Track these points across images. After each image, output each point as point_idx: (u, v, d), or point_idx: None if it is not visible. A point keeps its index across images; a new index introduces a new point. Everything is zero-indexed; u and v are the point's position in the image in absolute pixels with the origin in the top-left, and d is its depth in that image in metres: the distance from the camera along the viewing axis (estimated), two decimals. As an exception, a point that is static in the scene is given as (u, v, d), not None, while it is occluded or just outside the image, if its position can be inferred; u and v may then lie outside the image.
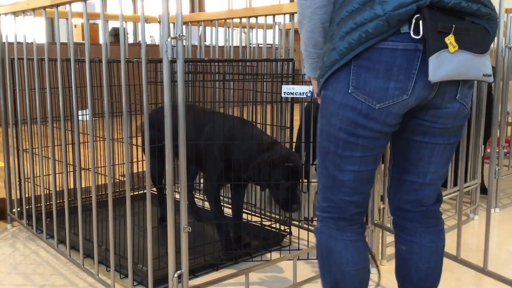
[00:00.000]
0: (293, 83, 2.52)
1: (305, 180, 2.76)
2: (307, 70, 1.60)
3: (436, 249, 1.62)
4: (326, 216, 1.54)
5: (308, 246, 2.53)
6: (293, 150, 3.08)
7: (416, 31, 1.29)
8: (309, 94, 2.25)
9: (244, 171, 2.37)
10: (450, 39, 1.29)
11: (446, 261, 1.76)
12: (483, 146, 3.19)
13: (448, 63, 1.29)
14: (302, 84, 2.36)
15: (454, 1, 1.31)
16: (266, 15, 3.00)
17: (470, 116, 3.02)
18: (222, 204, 2.60)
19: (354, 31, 1.33)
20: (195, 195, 3.36)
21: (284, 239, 2.70)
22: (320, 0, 1.42)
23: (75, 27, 7.17)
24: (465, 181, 3.17)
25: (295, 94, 2.24)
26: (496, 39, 3.19)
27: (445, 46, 1.28)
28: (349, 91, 1.37)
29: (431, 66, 1.28)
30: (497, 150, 3.21)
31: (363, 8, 1.32)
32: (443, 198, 3.05)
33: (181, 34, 1.68)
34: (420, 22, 1.28)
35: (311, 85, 1.87)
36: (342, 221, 1.52)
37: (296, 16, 2.93)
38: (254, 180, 2.38)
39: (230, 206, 2.65)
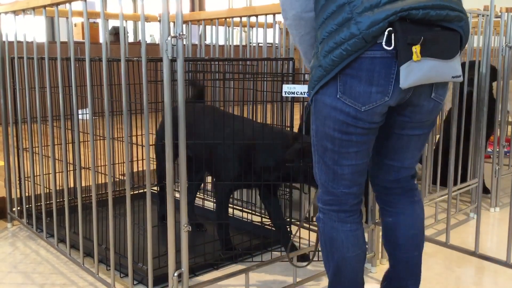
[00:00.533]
0: (293, 82, 2.52)
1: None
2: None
3: (418, 216, 1.84)
4: (328, 208, 1.71)
5: (309, 245, 2.53)
6: None
7: (389, 42, 1.44)
8: (308, 94, 2.24)
9: (273, 170, 2.33)
10: (416, 49, 1.43)
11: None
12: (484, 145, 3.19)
13: (417, 71, 1.45)
14: (303, 83, 2.35)
15: (422, 12, 1.44)
16: (266, 14, 2.99)
17: (470, 116, 3.02)
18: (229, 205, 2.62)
19: (335, 50, 1.48)
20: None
21: (284, 238, 2.69)
22: (304, 29, 1.65)
23: (75, 26, 7.17)
24: (465, 180, 3.17)
25: (296, 94, 2.23)
26: (497, 38, 3.20)
27: (410, 57, 1.43)
28: (337, 96, 1.53)
29: (402, 74, 1.44)
30: (497, 149, 3.21)
31: (341, 29, 1.47)
32: (443, 197, 3.05)
33: (181, 33, 1.68)
34: (392, 35, 1.43)
35: None
36: (342, 213, 1.70)
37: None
38: (284, 179, 2.34)
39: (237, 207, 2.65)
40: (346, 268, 1.73)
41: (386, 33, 1.43)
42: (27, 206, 2.90)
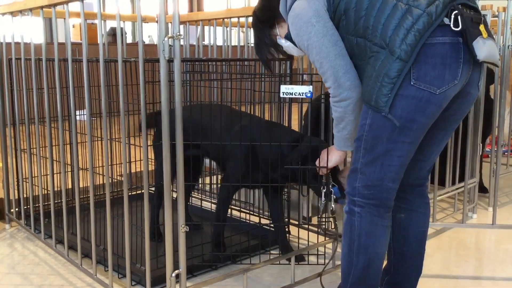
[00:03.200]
0: (291, 83, 2.51)
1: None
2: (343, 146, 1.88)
3: (427, 214, 1.95)
4: (368, 202, 1.74)
5: (306, 246, 2.53)
6: None
7: (456, 25, 1.57)
8: (308, 95, 2.23)
9: (279, 168, 2.29)
10: (481, 28, 1.60)
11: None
12: (481, 145, 3.19)
13: (484, 47, 1.59)
14: (301, 83, 2.35)
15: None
16: (264, 15, 2.99)
17: (468, 116, 3.02)
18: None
19: (408, 36, 1.58)
20: (194, 195, 3.36)
21: (283, 239, 2.69)
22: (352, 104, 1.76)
23: (73, 27, 7.17)
24: (463, 179, 3.17)
25: (294, 94, 2.21)
26: (495, 37, 3.20)
27: (480, 33, 1.59)
28: (411, 83, 1.59)
29: (476, 48, 1.58)
30: (495, 149, 3.21)
31: (403, 18, 1.60)
32: (442, 196, 3.05)
33: (178, 34, 1.68)
34: (459, 17, 1.57)
35: (310, 85, 1.95)
36: (382, 208, 1.74)
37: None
38: (291, 179, 2.32)
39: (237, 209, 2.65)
40: (375, 263, 1.78)
41: (453, 16, 1.56)
42: (25, 207, 2.89)
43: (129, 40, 9.20)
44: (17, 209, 2.98)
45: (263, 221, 2.77)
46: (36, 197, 2.76)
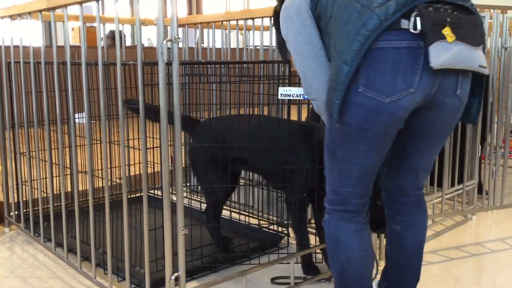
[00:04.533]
0: (289, 85, 2.52)
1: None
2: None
3: (424, 225, 1.87)
4: (333, 208, 1.71)
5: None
6: None
7: (415, 28, 1.43)
8: (306, 96, 2.25)
9: None
10: (447, 31, 1.43)
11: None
12: (480, 146, 3.19)
13: (447, 52, 1.43)
14: (299, 86, 2.35)
15: None
16: (263, 17, 3.00)
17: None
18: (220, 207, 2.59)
19: (355, 38, 1.47)
20: (190, 196, 3.36)
21: (282, 241, 2.70)
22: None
23: (72, 30, 7.17)
24: (462, 181, 3.17)
25: (292, 96, 2.23)
26: (492, 39, 3.21)
27: (443, 37, 1.43)
28: (359, 90, 1.49)
29: (432, 54, 1.42)
30: (494, 151, 3.21)
31: (356, 19, 1.49)
32: (438, 199, 3.04)
33: (176, 37, 1.68)
34: (418, 18, 1.43)
35: None
36: (347, 213, 1.69)
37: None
38: None
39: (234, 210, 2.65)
40: (351, 269, 1.71)
41: (412, 17, 1.43)
42: (24, 210, 2.89)
43: (128, 43, 9.21)
44: (16, 212, 2.97)
45: (263, 223, 2.77)
46: (35, 200, 2.76)
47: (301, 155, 2.20)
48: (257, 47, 3.19)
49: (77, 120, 2.29)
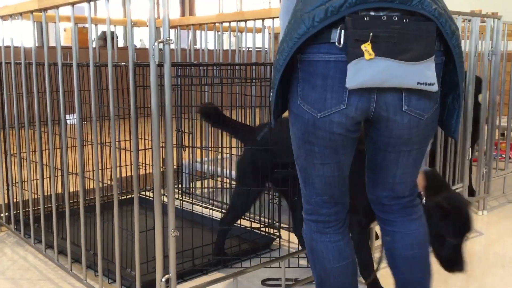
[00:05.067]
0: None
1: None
2: None
3: (418, 234, 1.68)
4: (308, 218, 1.66)
5: (298, 249, 2.53)
6: None
7: (339, 41, 1.35)
8: None
9: None
10: (366, 47, 1.31)
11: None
12: (470, 149, 3.21)
13: (366, 70, 1.32)
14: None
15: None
16: (255, 19, 3.01)
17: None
18: (211, 207, 2.59)
19: (286, 45, 1.41)
20: (181, 198, 3.36)
21: (274, 243, 2.70)
22: None
23: (64, 30, 7.15)
24: (453, 184, 3.19)
25: (283, 98, 2.24)
26: (483, 43, 3.23)
27: (362, 54, 1.31)
28: (298, 102, 1.46)
29: (349, 73, 1.33)
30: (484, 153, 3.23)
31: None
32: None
33: (168, 38, 1.68)
34: (342, 31, 1.34)
35: None
36: (320, 223, 1.63)
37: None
38: None
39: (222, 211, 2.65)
40: (329, 280, 1.65)
41: (338, 30, 1.34)
42: (15, 212, 2.88)
43: (120, 44, 9.19)
44: (6, 214, 2.96)
45: (254, 225, 2.77)
46: (26, 201, 2.75)
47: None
48: (249, 49, 3.20)
49: (68, 121, 2.28)
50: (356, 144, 1.53)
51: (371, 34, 1.31)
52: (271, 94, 1.54)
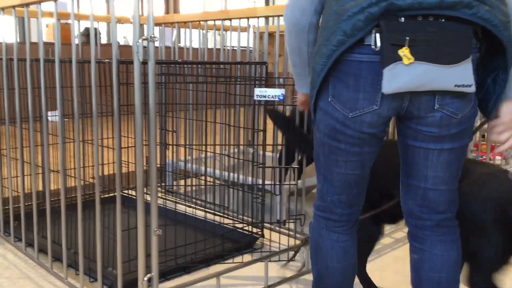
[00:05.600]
0: (266, 86, 2.52)
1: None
2: (296, 86, 1.73)
3: (449, 258, 1.57)
4: (318, 214, 1.66)
5: (279, 249, 2.54)
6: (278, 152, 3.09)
7: (375, 44, 1.34)
8: (281, 97, 2.27)
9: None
10: (404, 52, 1.30)
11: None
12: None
13: (404, 75, 1.32)
14: (277, 87, 2.37)
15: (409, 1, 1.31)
16: (240, 18, 3.00)
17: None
18: (195, 206, 2.58)
19: (326, 46, 1.41)
20: (167, 198, 3.34)
21: (257, 242, 2.70)
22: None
23: (47, 26, 7.06)
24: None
25: (268, 97, 2.25)
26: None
27: (399, 59, 1.31)
28: (329, 99, 1.46)
29: (385, 78, 1.33)
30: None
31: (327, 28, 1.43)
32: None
33: (152, 36, 1.67)
34: (378, 35, 1.33)
35: (283, 88, 1.92)
36: (331, 222, 1.63)
37: (270, 19, 2.94)
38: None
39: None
40: (328, 278, 1.65)
41: (373, 33, 1.34)
42: (-6, 209, 2.83)
43: (103, 40, 9.12)
44: (-14, 212, 2.91)
45: (237, 224, 2.77)
46: (5, 199, 2.71)
47: (490, 234, 1.64)
48: (234, 48, 3.19)
49: (50, 118, 2.25)
50: (381, 143, 1.53)
51: (407, 38, 1.30)
52: (310, 94, 1.53)
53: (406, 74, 1.31)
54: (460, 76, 1.34)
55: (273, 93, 2.22)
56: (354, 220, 1.64)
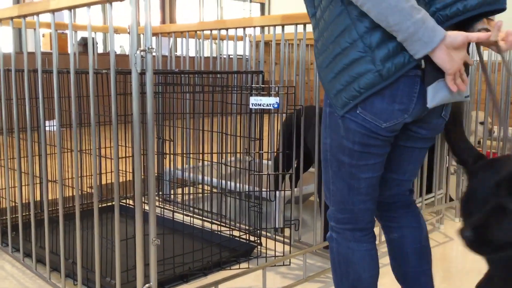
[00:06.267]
0: (263, 95, 2.54)
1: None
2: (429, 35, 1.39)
3: (424, 229, 1.79)
4: (342, 227, 1.66)
5: (275, 258, 2.55)
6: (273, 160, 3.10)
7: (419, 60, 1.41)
8: (276, 105, 2.29)
9: None
10: None
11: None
12: (448, 157, 3.27)
13: (443, 90, 1.44)
14: (272, 96, 2.38)
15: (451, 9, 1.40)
16: (236, 28, 3.02)
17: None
18: (192, 215, 2.59)
19: (398, 55, 1.43)
20: (165, 206, 3.34)
21: (254, 250, 2.70)
22: None
23: (43, 36, 7.07)
24: (431, 191, 3.23)
25: (263, 105, 2.27)
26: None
27: (442, 76, 1.41)
28: (357, 111, 1.49)
29: (429, 94, 1.44)
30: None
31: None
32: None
33: (150, 47, 1.68)
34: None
35: (278, 97, 1.92)
36: (358, 232, 1.64)
37: (266, 29, 2.96)
38: None
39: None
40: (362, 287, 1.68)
41: None
42: (-9, 220, 2.83)
43: (100, 50, 9.14)
44: (-17, 222, 2.91)
45: (235, 232, 2.77)
46: (3, 209, 2.71)
47: None
48: (230, 56, 3.21)
49: (47, 128, 2.26)
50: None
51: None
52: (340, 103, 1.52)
53: (444, 89, 1.44)
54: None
55: (268, 101, 2.25)
56: (373, 227, 1.70)
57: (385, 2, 1.34)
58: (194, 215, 3.01)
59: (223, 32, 3.13)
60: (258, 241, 2.70)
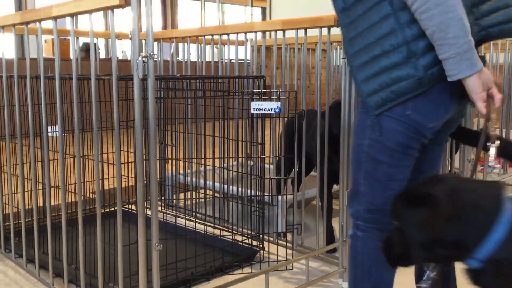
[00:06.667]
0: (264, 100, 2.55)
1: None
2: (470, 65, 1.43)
3: None
4: (370, 226, 1.67)
5: (277, 262, 2.54)
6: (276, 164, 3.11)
7: None
8: (277, 110, 2.29)
9: None
10: None
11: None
12: (449, 160, 3.26)
13: None
14: (274, 100, 2.39)
15: (498, 28, 1.51)
16: (237, 33, 3.03)
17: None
18: (195, 220, 2.59)
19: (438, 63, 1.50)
20: (168, 211, 3.35)
21: (257, 255, 2.70)
22: None
23: (45, 42, 7.10)
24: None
25: (264, 110, 2.27)
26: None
27: None
28: (406, 112, 1.52)
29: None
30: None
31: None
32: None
33: (152, 53, 1.69)
34: None
35: (280, 101, 1.92)
36: (385, 232, 1.62)
37: (267, 34, 2.97)
38: None
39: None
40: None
41: None
42: (-6, 226, 2.83)
43: (102, 55, 9.15)
44: (-14, 228, 2.91)
45: (237, 237, 2.77)
46: (6, 215, 2.71)
47: None
48: (231, 61, 3.22)
49: (50, 134, 2.27)
50: None
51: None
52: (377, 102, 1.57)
53: None
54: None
55: (269, 106, 2.25)
56: None
57: (451, 13, 1.37)
58: (197, 220, 3.01)
59: (225, 37, 3.14)
60: (261, 246, 2.70)
